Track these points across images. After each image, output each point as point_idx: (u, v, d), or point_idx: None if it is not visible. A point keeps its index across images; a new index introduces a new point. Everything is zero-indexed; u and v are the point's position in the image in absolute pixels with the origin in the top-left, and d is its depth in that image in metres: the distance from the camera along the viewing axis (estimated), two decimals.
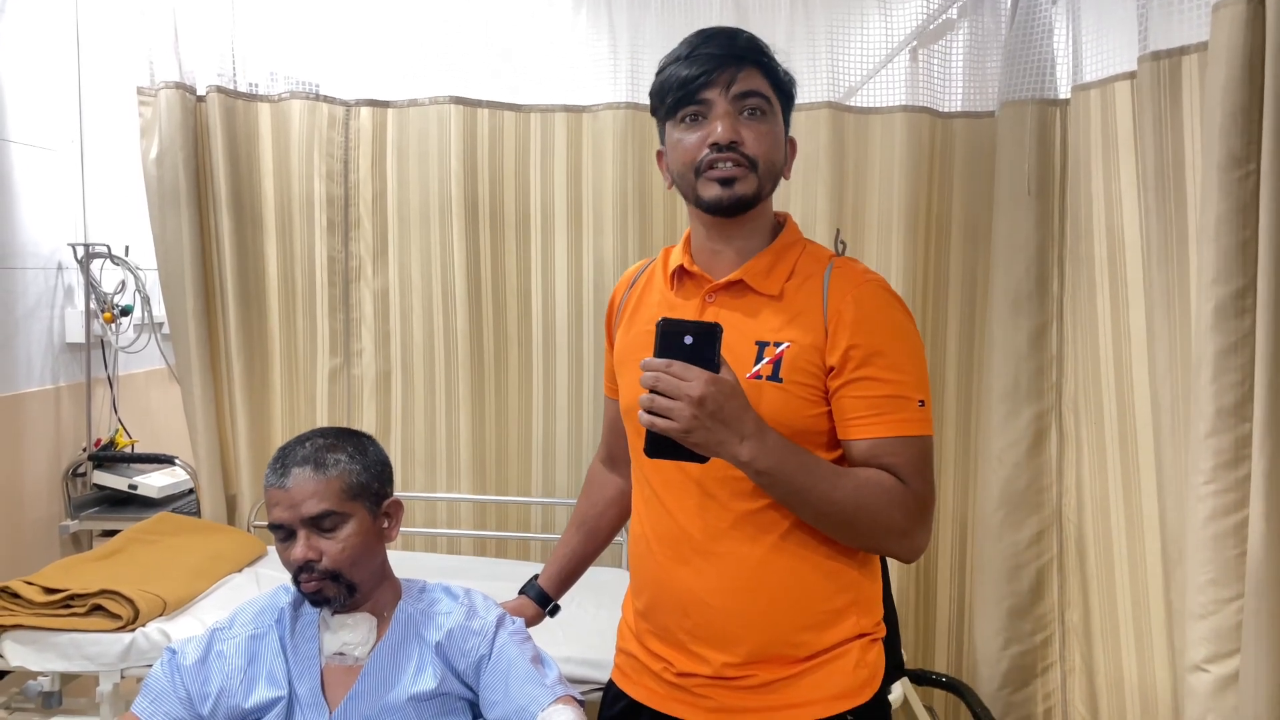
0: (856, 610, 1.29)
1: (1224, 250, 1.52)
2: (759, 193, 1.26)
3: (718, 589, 1.26)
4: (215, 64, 2.56)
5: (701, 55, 1.23)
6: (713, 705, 1.28)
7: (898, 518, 1.21)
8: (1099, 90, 2.14)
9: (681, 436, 1.09)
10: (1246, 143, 1.48)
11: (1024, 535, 2.36)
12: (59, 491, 2.66)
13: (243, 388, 2.63)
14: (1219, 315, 1.54)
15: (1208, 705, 1.62)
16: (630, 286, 1.43)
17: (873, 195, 2.53)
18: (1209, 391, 1.56)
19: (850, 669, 1.27)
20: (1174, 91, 1.82)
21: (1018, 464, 2.35)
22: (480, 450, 2.68)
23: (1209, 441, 1.58)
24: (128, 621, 2.01)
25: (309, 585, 1.37)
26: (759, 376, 1.23)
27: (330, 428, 1.47)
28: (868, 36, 2.52)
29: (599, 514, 1.61)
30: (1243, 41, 1.47)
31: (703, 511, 1.26)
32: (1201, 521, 1.61)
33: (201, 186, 2.60)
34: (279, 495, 1.36)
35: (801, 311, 1.25)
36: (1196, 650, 1.64)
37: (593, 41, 2.58)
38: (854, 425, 1.22)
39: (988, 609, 2.42)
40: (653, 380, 1.09)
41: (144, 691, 1.41)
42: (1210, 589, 1.61)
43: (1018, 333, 2.34)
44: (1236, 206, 1.50)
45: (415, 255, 2.65)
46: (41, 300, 2.61)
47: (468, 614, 1.44)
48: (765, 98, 1.25)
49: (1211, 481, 1.59)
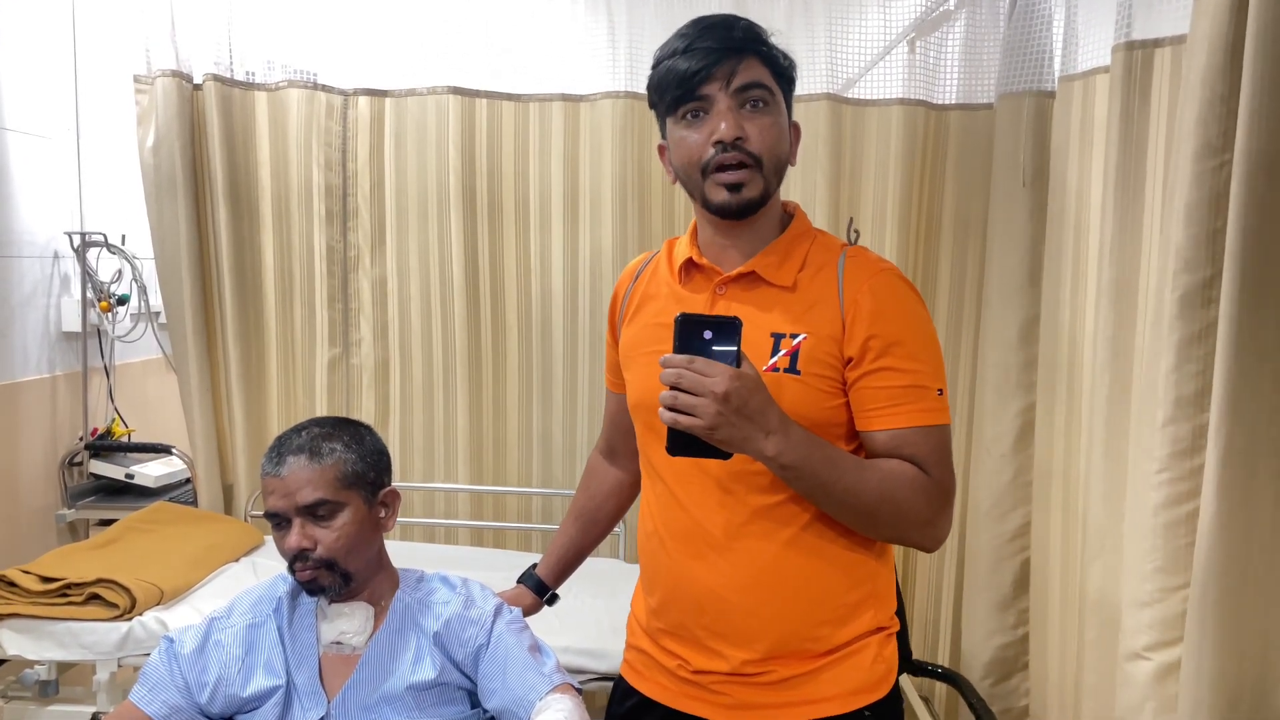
0: (874, 603, 1.28)
1: (1193, 239, 1.52)
2: (766, 192, 1.24)
3: (735, 585, 1.25)
4: (212, 52, 2.55)
5: (699, 49, 1.21)
6: (730, 702, 1.27)
7: (922, 508, 1.20)
8: (1081, 82, 2.14)
9: (707, 434, 1.07)
10: (1222, 132, 1.48)
11: (1008, 527, 2.37)
12: (56, 480, 2.66)
13: (239, 377, 2.63)
14: (1184, 304, 1.54)
15: (1146, 693, 1.62)
16: (635, 279, 1.41)
17: (868, 187, 2.53)
18: (1169, 380, 1.56)
19: (868, 664, 1.27)
20: (1144, 83, 1.81)
21: (1004, 456, 2.36)
22: (478, 440, 2.68)
23: (1166, 430, 1.58)
24: (124, 610, 2.01)
25: (304, 574, 1.37)
26: (776, 369, 1.21)
27: (328, 417, 1.47)
28: (866, 27, 2.52)
29: (597, 506, 1.60)
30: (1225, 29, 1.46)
31: (721, 507, 1.25)
32: (1153, 509, 1.61)
33: (198, 175, 2.59)
34: (274, 484, 1.37)
35: (817, 302, 1.24)
36: (1137, 638, 1.64)
37: (591, 30, 2.57)
38: (874, 416, 1.21)
39: (976, 600, 2.43)
40: (674, 377, 1.06)
41: (142, 680, 1.41)
42: (1157, 577, 1.61)
43: (1008, 325, 2.35)
44: (1208, 196, 1.50)
45: (413, 245, 2.64)
46: (38, 289, 2.60)
47: (465, 603, 1.44)
48: (767, 88, 1.23)
49: (1165, 470, 1.59)
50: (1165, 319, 1.56)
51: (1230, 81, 1.46)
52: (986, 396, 2.41)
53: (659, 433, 1.14)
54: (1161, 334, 1.58)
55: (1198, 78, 1.49)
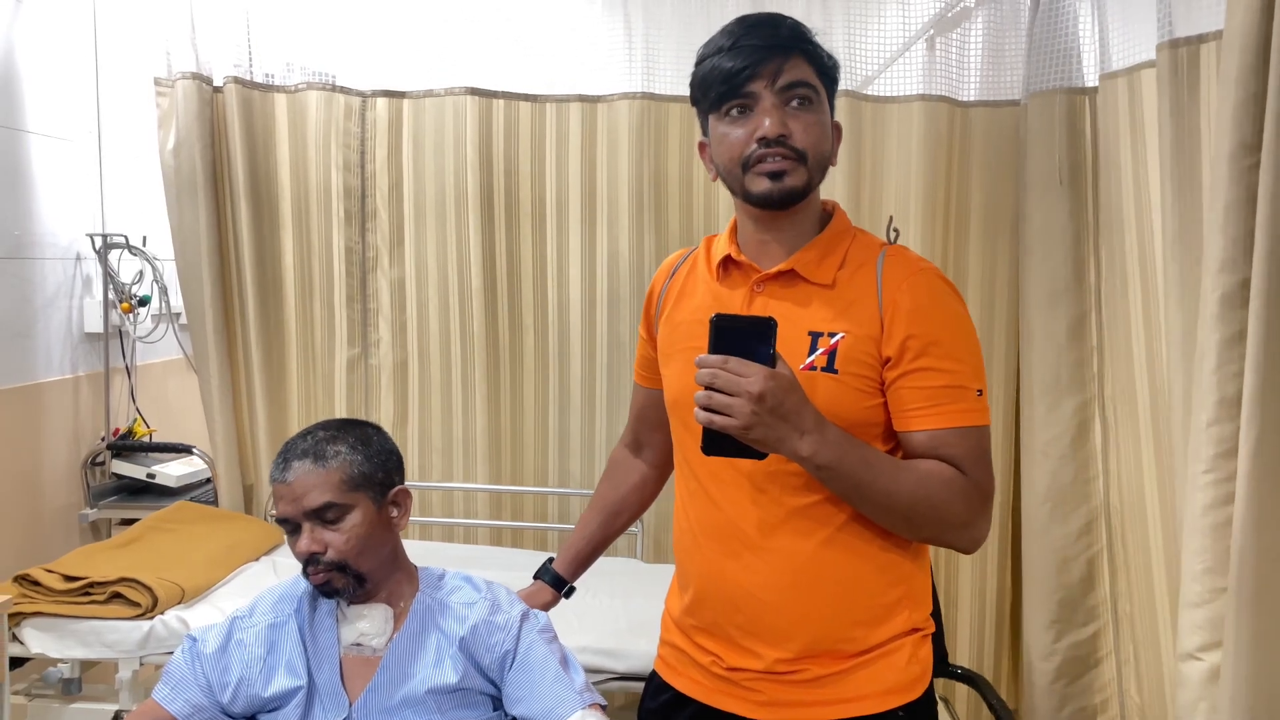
0: (909, 604, 1.27)
1: (1232, 239, 1.51)
2: (809, 184, 1.24)
3: (770, 584, 1.24)
4: (232, 55, 2.57)
5: (745, 47, 1.21)
6: (763, 699, 1.27)
7: (960, 509, 1.19)
8: (1125, 78, 2.12)
9: (741, 434, 1.07)
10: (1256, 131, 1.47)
11: (1072, 527, 2.35)
12: (78, 480, 2.68)
13: (260, 377, 2.64)
14: (1224, 304, 1.53)
15: (1200, 694, 1.61)
16: (671, 275, 1.41)
17: (889, 184, 2.52)
18: (1212, 381, 1.55)
19: (903, 665, 1.26)
20: (1192, 79, 1.80)
21: (1063, 456, 2.34)
22: (496, 440, 2.69)
23: (1210, 430, 1.57)
24: (147, 609, 2.02)
25: (316, 577, 1.38)
26: (813, 368, 1.21)
27: (335, 420, 1.47)
28: (885, 24, 2.50)
29: (621, 499, 1.60)
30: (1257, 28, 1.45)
31: (755, 506, 1.24)
32: (1200, 510, 1.60)
33: (219, 177, 2.61)
34: (282, 490, 1.37)
35: (855, 301, 1.23)
36: (1191, 639, 1.63)
37: (608, 30, 2.57)
38: (913, 416, 1.20)
39: (1038, 603, 2.40)
40: (709, 377, 1.06)
41: (164, 679, 1.41)
42: (1206, 578, 1.60)
43: (1056, 324, 2.33)
44: (1246, 195, 1.49)
45: (431, 246, 2.65)
46: (60, 290, 2.63)
47: (491, 608, 1.43)
48: (812, 86, 1.22)
49: (1211, 470, 1.58)
50: (1207, 319, 1.55)
51: (1262, 80, 1.45)
52: (1036, 398, 2.38)
53: (694, 431, 1.14)
54: (1205, 334, 1.56)
55: (1233, 76, 1.47)
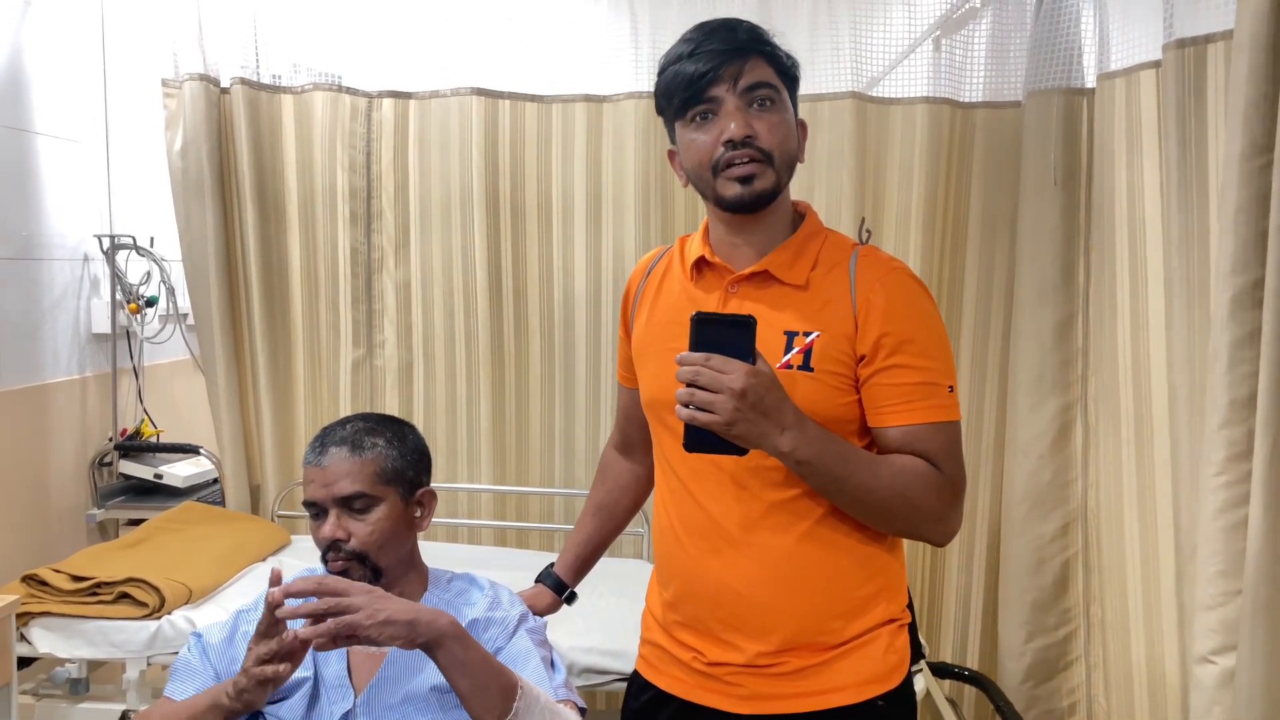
0: (886, 596, 1.30)
1: (1243, 240, 1.51)
2: (778, 185, 1.26)
3: (751, 579, 1.26)
4: (239, 56, 2.58)
5: (705, 52, 1.23)
6: (744, 693, 1.28)
7: (934, 503, 1.23)
8: (1124, 79, 2.12)
9: (724, 430, 1.09)
10: (1267, 131, 1.47)
11: (1048, 529, 2.34)
12: (86, 480, 2.68)
13: (267, 378, 2.65)
14: (1235, 306, 1.52)
15: (1214, 697, 1.61)
16: (646, 275, 1.43)
17: (893, 185, 2.52)
18: (1224, 383, 1.55)
19: (880, 654, 1.28)
20: (1199, 80, 1.79)
21: (1042, 457, 2.33)
22: (501, 441, 2.69)
23: (1222, 433, 1.56)
24: (154, 609, 2.03)
25: (335, 565, 1.38)
26: (790, 366, 1.23)
27: (374, 413, 1.48)
28: (891, 26, 2.50)
29: (615, 500, 1.61)
30: (1268, 28, 1.45)
31: (736, 502, 1.26)
32: (1212, 513, 1.59)
33: (225, 178, 2.61)
34: (315, 473, 1.38)
35: (830, 301, 1.25)
36: (1205, 642, 1.63)
37: (613, 30, 2.58)
38: (887, 413, 1.23)
39: (1011, 602, 2.40)
40: (692, 374, 1.09)
41: (174, 675, 1.42)
42: (1219, 580, 1.60)
43: (1042, 324, 2.32)
44: (1257, 196, 1.49)
45: (437, 247, 2.65)
46: (68, 291, 2.63)
47: (491, 604, 1.44)
48: (773, 87, 1.25)
49: (1223, 473, 1.57)
50: (1218, 321, 1.55)
51: (1272, 80, 1.44)
52: (1019, 396, 2.38)
53: (673, 429, 1.16)
54: (1216, 336, 1.56)
55: (1243, 76, 1.47)
